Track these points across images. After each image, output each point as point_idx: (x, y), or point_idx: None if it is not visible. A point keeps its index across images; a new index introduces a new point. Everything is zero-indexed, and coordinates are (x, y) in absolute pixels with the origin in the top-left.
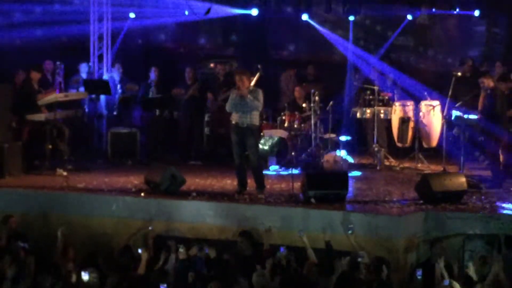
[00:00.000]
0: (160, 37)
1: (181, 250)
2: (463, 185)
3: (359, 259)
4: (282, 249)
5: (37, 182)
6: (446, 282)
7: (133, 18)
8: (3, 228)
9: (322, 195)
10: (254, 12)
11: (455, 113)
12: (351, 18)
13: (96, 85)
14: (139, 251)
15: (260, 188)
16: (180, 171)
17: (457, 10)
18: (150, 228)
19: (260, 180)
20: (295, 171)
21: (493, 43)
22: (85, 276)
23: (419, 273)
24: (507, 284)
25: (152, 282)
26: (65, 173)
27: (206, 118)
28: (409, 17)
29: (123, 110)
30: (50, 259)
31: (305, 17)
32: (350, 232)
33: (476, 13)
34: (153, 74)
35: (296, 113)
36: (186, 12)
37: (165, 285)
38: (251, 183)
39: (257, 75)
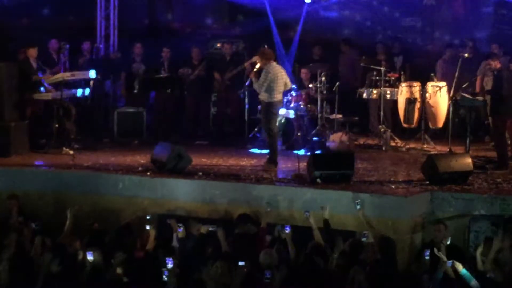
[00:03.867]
0: (167, 17)
1: (180, 230)
2: (469, 166)
3: (363, 239)
4: (287, 227)
5: (44, 161)
6: (450, 263)
7: None
8: (10, 205)
9: (328, 175)
10: None
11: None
12: None
13: (103, 64)
14: (147, 227)
15: (268, 162)
16: (187, 151)
17: None
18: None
19: (270, 154)
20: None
21: (501, 24)
22: (89, 256)
23: (426, 253)
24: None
25: (159, 258)
26: (71, 152)
27: (212, 98)
28: None
29: (140, 90)
30: (56, 239)
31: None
32: (358, 207)
33: None
34: (165, 55)
35: (303, 93)
36: None
37: (171, 259)
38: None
39: None
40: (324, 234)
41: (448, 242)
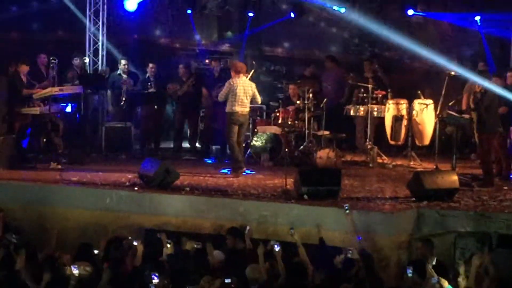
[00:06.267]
0: (155, 32)
1: (168, 245)
2: (455, 183)
3: (348, 255)
4: (277, 245)
5: (31, 175)
6: (435, 279)
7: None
8: None
9: (315, 191)
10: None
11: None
12: (342, 10)
13: (92, 79)
14: (135, 243)
15: (232, 171)
16: (174, 166)
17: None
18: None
19: (231, 165)
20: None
21: (488, 43)
22: (75, 270)
23: (409, 270)
24: (494, 277)
25: (146, 274)
26: (59, 166)
27: (201, 114)
28: (410, 12)
29: (127, 105)
30: (43, 252)
31: (293, 14)
32: (347, 211)
33: (477, 18)
34: (150, 70)
35: (290, 110)
36: None
37: (157, 274)
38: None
39: (252, 71)
40: (320, 251)
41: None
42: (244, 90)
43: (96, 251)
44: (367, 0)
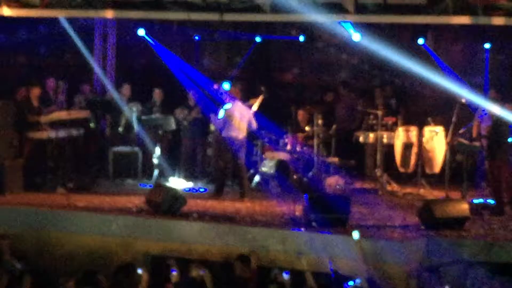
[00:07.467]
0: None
1: (174, 272)
2: (466, 212)
3: (357, 284)
4: (286, 273)
5: (38, 200)
6: None
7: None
8: (1, 245)
9: (324, 218)
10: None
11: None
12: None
13: (99, 104)
14: (139, 271)
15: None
16: (182, 192)
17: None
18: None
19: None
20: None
21: (498, 70)
22: None
23: None
24: None
25: None
26: (66, 191)
27: (208, 139)
28: (420, 41)
29: (130, 130)
30: (47, 277)
31: (302, 38)
32: (356, 237)
33: (487, 45)
34: (156, 96)
35: (299, 136)
36: None
37: None
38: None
39: (261, 97)
40: (328, 279)
41: None
42: (240, 115)
43: (100, 278)
44: (378, 26)
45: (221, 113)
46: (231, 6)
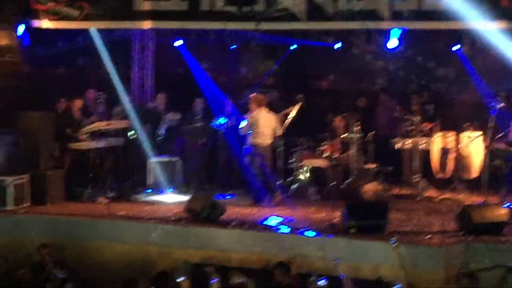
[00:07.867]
0: (201, 65)
1: (215, 281)
2: (504, 217)
3: None
4: (324, 279)
5: (78, 209)
6: None
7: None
8: (43, 254)
9: (362, 225)
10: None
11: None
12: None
13: (139, 113)
14: (181, 279)
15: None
16: (221, 200)
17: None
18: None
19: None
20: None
21: None
22: None
23: None
24: None
25: None
26: (106, 201)
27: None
28: (455, 48)
29: (167, 139)
30: (88, 286)
31: (338, 45)
32: (394, 244)
33: None
34: (198, 107)
35: (336, 142)
36: None
37: None
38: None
39: (299, 104)
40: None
41: None
42: (265, 122)
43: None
44: (414, 33)
45: (243, 122)
46: (266, 14)
